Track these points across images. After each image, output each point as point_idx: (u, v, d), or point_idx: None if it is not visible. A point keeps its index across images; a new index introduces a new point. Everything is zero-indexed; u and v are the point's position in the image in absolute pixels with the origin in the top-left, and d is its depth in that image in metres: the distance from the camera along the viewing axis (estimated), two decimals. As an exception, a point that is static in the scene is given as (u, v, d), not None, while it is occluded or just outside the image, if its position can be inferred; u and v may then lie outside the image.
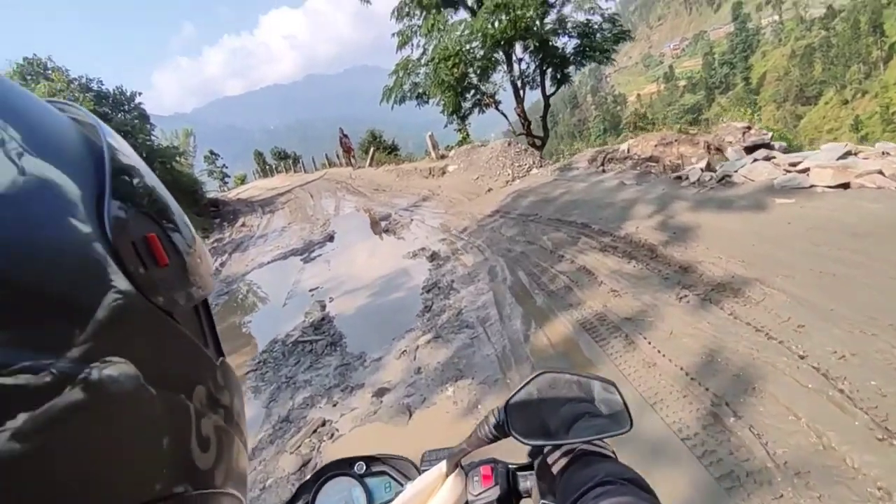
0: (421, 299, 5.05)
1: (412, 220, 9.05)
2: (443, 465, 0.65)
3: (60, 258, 0.25)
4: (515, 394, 0.59)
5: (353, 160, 20.02)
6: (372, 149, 18.83)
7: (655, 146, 7.30)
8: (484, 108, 17.99)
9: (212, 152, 45.29)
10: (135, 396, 0.27)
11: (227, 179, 44.05)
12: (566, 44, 16.45)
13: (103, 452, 0.25)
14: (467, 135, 17.68)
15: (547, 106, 17.66)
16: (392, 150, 22.51)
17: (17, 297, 0.22)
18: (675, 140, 7.23)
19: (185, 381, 0.33)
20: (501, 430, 0.60)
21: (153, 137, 21.09)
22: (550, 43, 15.78)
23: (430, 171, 12.03)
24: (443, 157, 12.95)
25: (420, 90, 17.15)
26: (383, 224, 9.12)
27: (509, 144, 10.36)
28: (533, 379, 0.60)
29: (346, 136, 20.30)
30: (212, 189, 36.85)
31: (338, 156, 24.18)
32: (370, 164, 18.59)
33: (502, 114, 17.88)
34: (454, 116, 17.53)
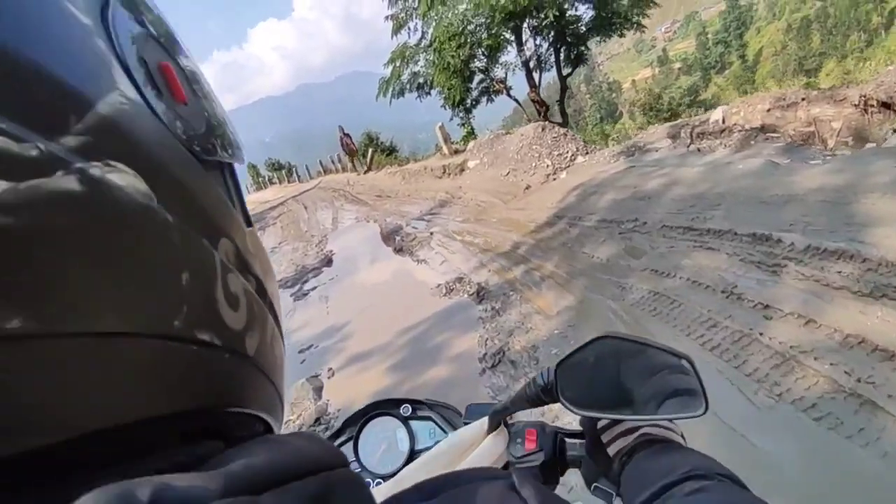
0: (480, 383, 2.96)
1: (431, 233, 7.01)
2: (485, 422, 0.62)
3: (51, 33, 0.20)
4: (570, 355, 0.52)
5: (356, 162, 17.38)
6: (370, 150, 16.76)
7: (768, 111, 5.24)
8: (493, 96, 15.95)
9: None
10: (146, 214, 0.22)
11: None
12: (582, 16, 14.40)
13: (103, 260, 0.20)
14: (472, 129, 15.67)
15: (564, 88, 15.62)
16: (391, 151, 20.55)
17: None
18: (803, 99, 5.15)
19: (209, 225, 0.27)
20: (549, 394, 0.54)
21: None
22: (567, 14, 13.70)
23: (445, 170, 10.01)
24: (457, 151, 10.89)
25: (421, 79, 15.13)
26: (395, 240, 7.07)
27: (543, 129, 8.32)
28: (592, 342, 0.51)
29: (346, 134, 17.21)
30: None
31: (333, 161, 22.13)
32: (369, 169, 16.56)
33: (514, 100, 15.85)
34: (459, 108, 15.52)
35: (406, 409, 0.75)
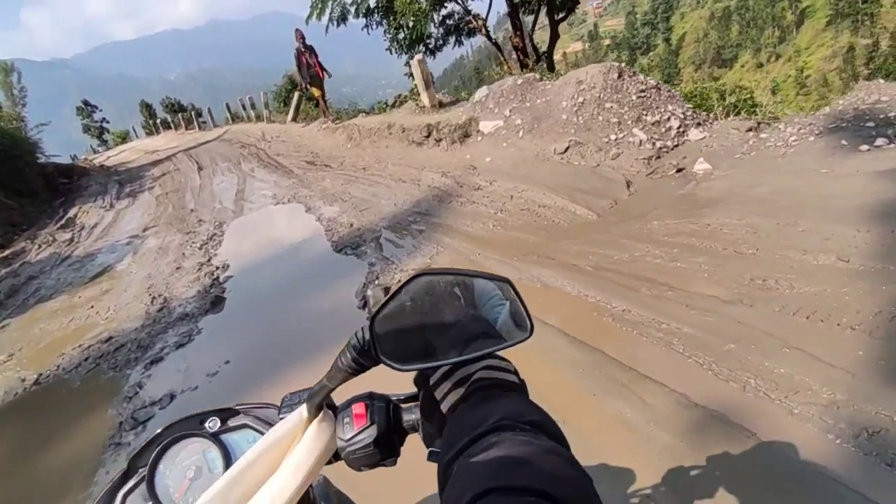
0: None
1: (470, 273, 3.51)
2: (303, 410, 0.54)
3: None
4: (383, 306, 0.46)
5: (326, 103, 10.51)
6: (296, 94, 12.37)
7: None
8: (464, 37, 12.22)
9: (86, 103, 37.27)
10: None
11: (105, 137, 36.00)
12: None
13: None
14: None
15: (556, 36, 12.22)
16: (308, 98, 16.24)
17: None
18: None
19: None
20: (368, 356, 0.48)
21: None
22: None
23: (431, 132, 6.31)
24: (441, 105, 7.17)
25: (369, 2, 10.99)
26: (373, 293, 3.37)
27: (620, 76, 4.90)
28: (405, 285, 0.46)
29: (309, 48, 9.84)
30: (81, 150, 30.31)
31: (245, 106, 17.21)
32: (293, 119, 12.28)
33: (495, 44, 12.24)
34: (415, 48, 11.68)
35: (213, 423, 0.60)
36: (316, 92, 10.13)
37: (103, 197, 10.84)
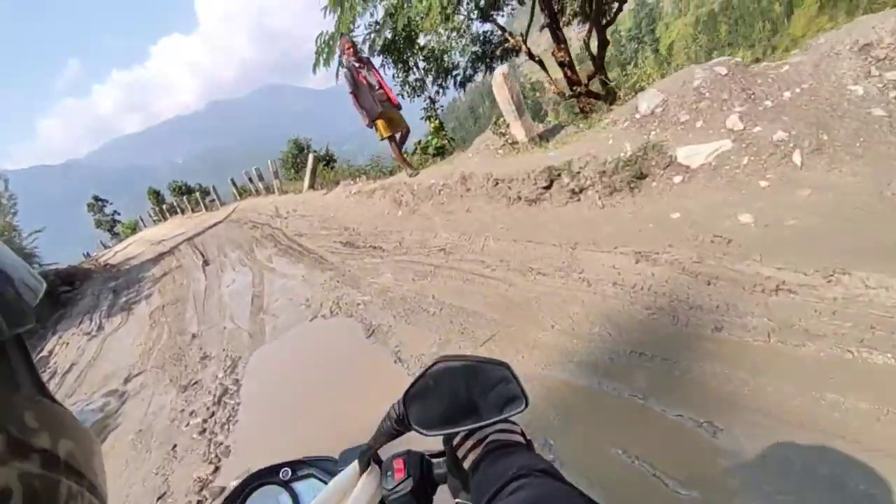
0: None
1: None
2: (355, 465, 0.66)
3: None
4: (412, 386, 0.60)
5: (401, 147, 6.82)
6: (310, 157, 10.37)
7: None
8: (497, 62, 10.28)
9: (96, 198, 36.55)
10: None
11: (117, 230, 35.15)
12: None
13: None
14: (440, 125, 10.03)
15: (605, 43, 10.20)
16: (329, 161, 14.50)
17: None
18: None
19: None
20: (402, 424, 0.62)
21: None
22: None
23: (552, 181, 3.85)
24: (540, 137, 4.85)
25: (388, 32, 9.13)
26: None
27: None
28: (428, 370, 0.59)
29: (366, 61, 6.55)
30: (99, 244, 30.33)
31: (252, 178, 15.41)
32: (311, 186, 10.27)
33: (539, 63, 10.26)
34: (444, 79, 9.90)
35: (286, 473, 0.73)
36: (385, 129, 6.31)
37: (92, 315, 8.77)
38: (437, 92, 10.61)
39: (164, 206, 30.36)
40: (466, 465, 0.60)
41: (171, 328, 5.92)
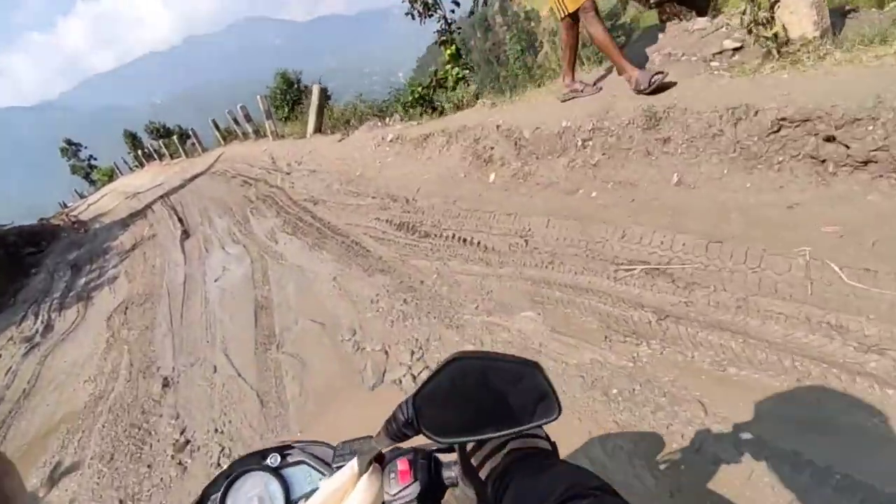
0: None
1: None
2: (354, 464, 0.57)
3: None
4: (424, 385, 0.50)
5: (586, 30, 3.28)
6: (316, 92, 7.85)
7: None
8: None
9: (69, 142, 33.39)
10: None
11: (93, 177, 32.23)
12: None
13: None
14: (457, 51, 7.56)
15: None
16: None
17: None
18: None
19: None
20: (411, 427, 0.51)
21: None
22: None
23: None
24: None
25: None
26: None
27: None
28: (444, 367, 0.49)
29: None
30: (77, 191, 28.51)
31: (237, 119, 12.81)
32: (317, 130, 7.91)
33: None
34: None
35: (274, 459, 0.64)
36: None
37: (40, 305, 6.69)
38: (452, 11, 8.05)
39: (142, 151, 27.50)
40: (483, 473, 0.56)
41: (133, 356, 3.86)
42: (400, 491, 0.58)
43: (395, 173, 4.69)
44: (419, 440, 0.53)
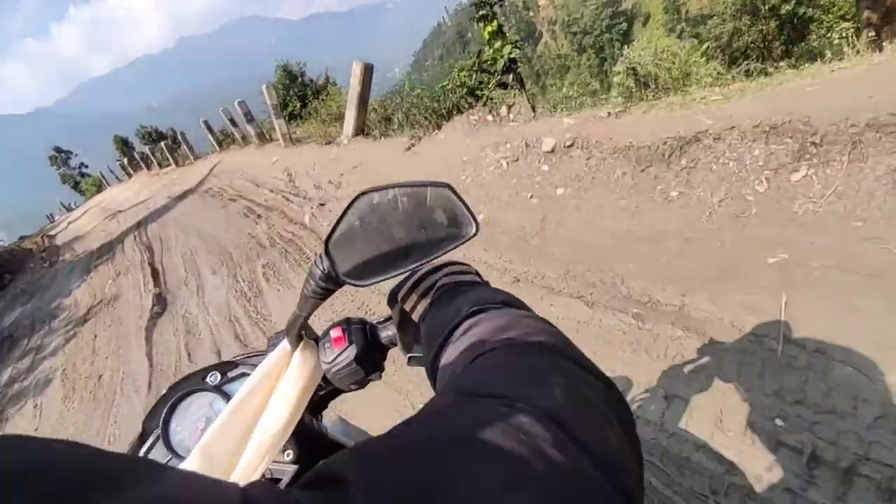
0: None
1: None
2: (285, 343, 0.57)
3: None
4: (333, 230, 0.47)
5: None
6: (357, 74, 5.22)
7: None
8: None
9: (59, 150, 32.53)
10: None
11: (82, 186, 30.35)
12: None
13: None
14: (499, 28, 4.94)
15: None
16: (317, 92, 10.08)
17: None
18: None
19: None
20: (330, 279, 0.48)
21: None
22: None
23: None
24: None
25: None
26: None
27: None
28: (351, 206, 0.46)
29: None
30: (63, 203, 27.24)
31: (235, 121, 10.12)
32: (359, 132, 5.33)
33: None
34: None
35: (214, 377, 0.62)
36: None
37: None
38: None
39: (133, 156, 24.98)
40: (416, 316, 0.52)
41: None
42: (336, 357, 0.56)
43: (585, 236, 2.08)
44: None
